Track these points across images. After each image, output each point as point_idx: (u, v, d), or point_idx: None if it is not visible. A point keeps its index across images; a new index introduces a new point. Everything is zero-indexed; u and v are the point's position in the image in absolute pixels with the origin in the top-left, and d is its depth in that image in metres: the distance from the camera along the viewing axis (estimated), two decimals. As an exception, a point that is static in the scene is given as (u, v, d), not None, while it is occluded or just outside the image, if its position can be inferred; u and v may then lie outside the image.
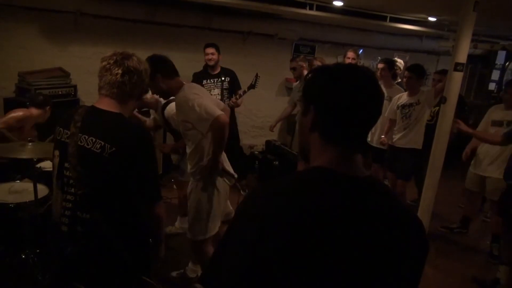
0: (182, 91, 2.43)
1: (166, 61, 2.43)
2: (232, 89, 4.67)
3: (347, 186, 0.88)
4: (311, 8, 4.90)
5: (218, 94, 4.59)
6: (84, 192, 1.54)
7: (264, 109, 6.30)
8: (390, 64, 4.44)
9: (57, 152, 1.62)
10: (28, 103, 3.48)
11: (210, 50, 4.52)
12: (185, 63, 5.35)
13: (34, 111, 3.45)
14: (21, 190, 2.77)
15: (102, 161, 1.52)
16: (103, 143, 1.52)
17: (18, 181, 2.96)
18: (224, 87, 4.64)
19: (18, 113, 3.36)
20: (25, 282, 2.49)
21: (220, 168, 2.52)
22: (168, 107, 3.13)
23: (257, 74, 4.30)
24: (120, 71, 1.59)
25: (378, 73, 4.40)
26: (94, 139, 1.53)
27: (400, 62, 5.29)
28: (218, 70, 4.65)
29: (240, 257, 0.82)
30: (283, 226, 0.80)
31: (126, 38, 4.95)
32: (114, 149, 1.52)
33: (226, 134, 2.37)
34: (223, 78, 4.64)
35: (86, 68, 4.86)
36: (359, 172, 0.91)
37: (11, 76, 4.19)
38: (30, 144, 2.42)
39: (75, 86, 4.53)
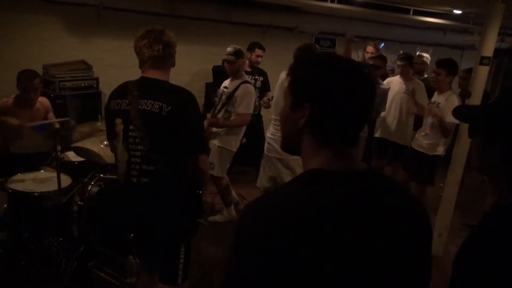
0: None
1: None
2: (263, 89, 4.58)
3: (343, 183, 0.84)
4: (332, 1, 4.84)
5: None
6: (149, 148, 1.80)
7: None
8: (410, 59, 4.31)
9: (119, 120, 1.86)
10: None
11: (261, 52, 4.48)
12: (205, 56, 5.39)
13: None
14: (45, 180, 2.84)
15: (161, 119, 1.77)
16: (160, 103, 1.77)
17: (42, 171, 3.03)
18: (257, 85, 4.50)
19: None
20: (48, 268, 2.56)
21: None
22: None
23: None
24: (161, 46, 1.87)
25: (399, 70, 4.30)
26: (152, 102, 1.78)
27: (426, 56, 5.16)
28: (251, 68, 4.54)
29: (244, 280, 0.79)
30: (281, 241, 0.76)
31: (147, 31, 5.00)
32: (170, 108, 1.77)
33: None
34: (256, 77, 4.53)
35: (107, 60, 4.93)
36: (356, 166, 0.89)
37: (36, 68, 4.27)
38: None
39: (97, 79, 4.60)
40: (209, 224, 3.90)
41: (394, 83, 4.31)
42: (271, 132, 3.43)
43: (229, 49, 3.57)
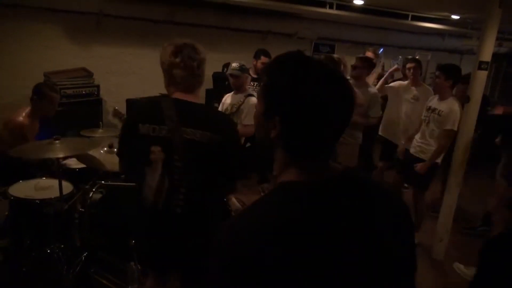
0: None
1: None
2: None
3: (316, 195, 0.82)
4: (331, 7, 4.87)
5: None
6: (195, 177, 1.70)
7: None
8: (419, 63, 4.25)
9: (157, 148, 1.68)
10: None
11: (266, 60, 4.45)
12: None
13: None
14: (46, 187, 2.84)
15: (211, 150, 1.67)
16: (209, 134, 1.67)
17: (44, 178, 3.04)
18: None
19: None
20: (50, 275, 2.56)
21: None
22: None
23: None
24: (195, 64, 1.72)
25: (408, 73, 4.23)
26: (201, 132, 1.67)
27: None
28: (257, 75, 4.53)
29: None
30: (256, 257, 0.74)
31: (147, 38, 5.03)
32: (219, 138, 1.68)
33: None
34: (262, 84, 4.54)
35: (108, 67, 4.96)
36: (331, 173, 0.87)
37: (37, 76, 4.31)
38: (57, 142, 2.48)
39: (98, 86, 4.63)
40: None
41: (403, 89, 4.31)
42: None
43: (234, 64, 3.63)
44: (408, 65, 4.25)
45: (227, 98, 3.83)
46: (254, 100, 3.66)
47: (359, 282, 0.80)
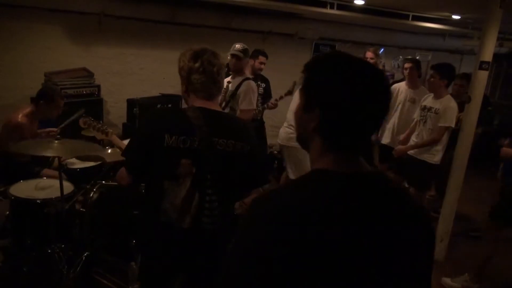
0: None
1: None
2: (265, 96, 4.53)
3: (347, 185, 0.84)
4: (331, 7, 4.87)
5: None
6: (227, 190, 1.63)
7: (283, 108, 6.28)
8: (418, 63, 4.23)
9: (187, 161, 1.57)
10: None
11: (264, 59, 4.44)
12: (206, 62, 5.41)
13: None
14: (47, 187, 2.84)
15: (243, 160, 1.63)
16: (241, 143, 1.63)
17: (45, 178, 3.04)
18: (259, 92, 4.41)
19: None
20: (51, 275, 2.56)
21: None
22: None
23: (295, 82, 4.26)
24: (215, 69, 1.65)
25: (405, 73, 4.23)
26: (233, 142, 1.61)
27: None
28: (254, 75, 4.44)
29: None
30: (285, 249, 0.76)
31: (147, 38, 5.03)
32: (249, 147, 1.65)
33: None
34: (259, 83, 4.46)
35: (108, 68, 4.97)
36: (362, 168, 0.89)
37: (37, 76, 4.32)
38: (56, 141, 2.49)
39: (98, 86, 4.63)
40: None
41: (400, 90, 4.29)
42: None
43: (238, 45, 3.56)
44: (406, 65, 4.24)
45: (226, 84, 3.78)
46: (250, 83, 3.57)
47: (375, 285, 0.81)
